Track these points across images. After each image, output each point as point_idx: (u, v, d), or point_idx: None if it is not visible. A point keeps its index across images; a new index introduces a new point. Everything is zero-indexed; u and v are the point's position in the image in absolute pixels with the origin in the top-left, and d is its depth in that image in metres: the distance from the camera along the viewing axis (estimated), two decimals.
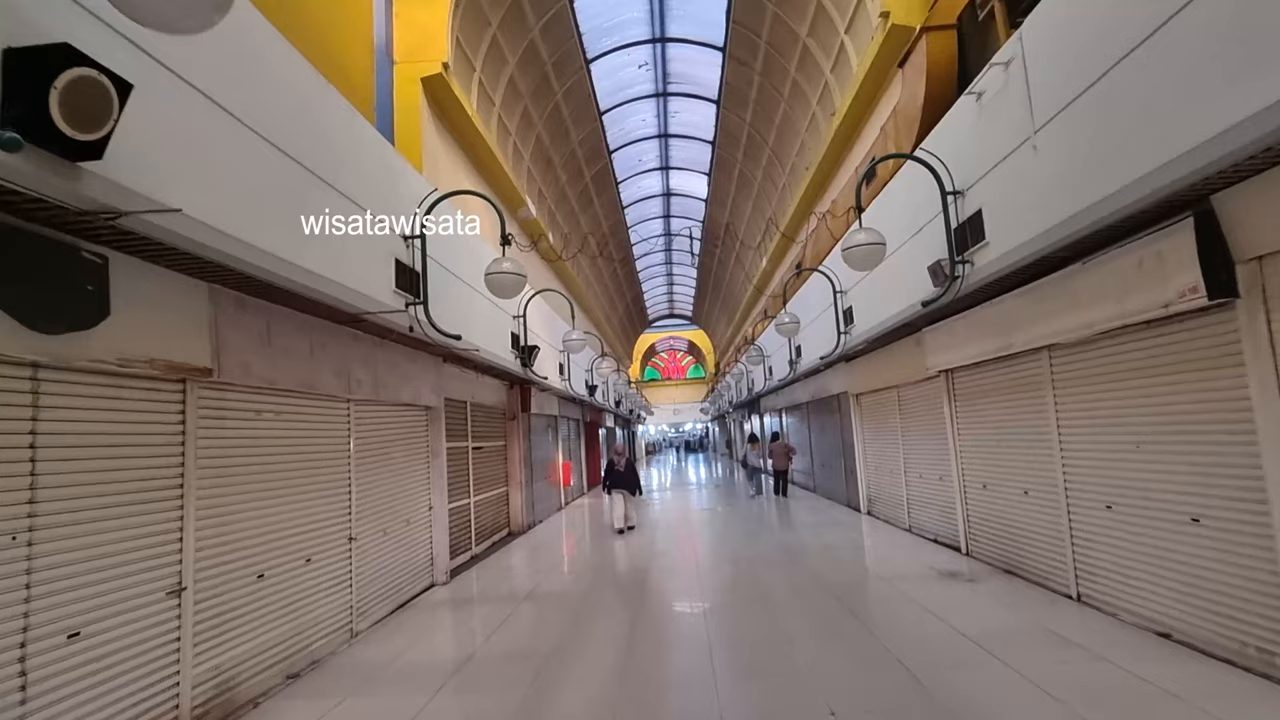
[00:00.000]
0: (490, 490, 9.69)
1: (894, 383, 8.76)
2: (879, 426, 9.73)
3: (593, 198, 16.68)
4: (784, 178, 13.68)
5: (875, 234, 5.22)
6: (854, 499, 11.04)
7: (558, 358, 12.37)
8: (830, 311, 9.60)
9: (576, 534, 10.65)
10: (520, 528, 10.66)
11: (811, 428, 14.23)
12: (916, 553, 7.19)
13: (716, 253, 23.46)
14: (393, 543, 6.04)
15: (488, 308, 7.74)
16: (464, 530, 8.34)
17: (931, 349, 7.10)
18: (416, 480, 6.73)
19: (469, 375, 8.70)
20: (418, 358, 6.66)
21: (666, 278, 30.90)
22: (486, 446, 9.66)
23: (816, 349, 10.96)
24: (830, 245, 10.02)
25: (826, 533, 8.96)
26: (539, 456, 12.45)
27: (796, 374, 12.70)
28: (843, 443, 11.62)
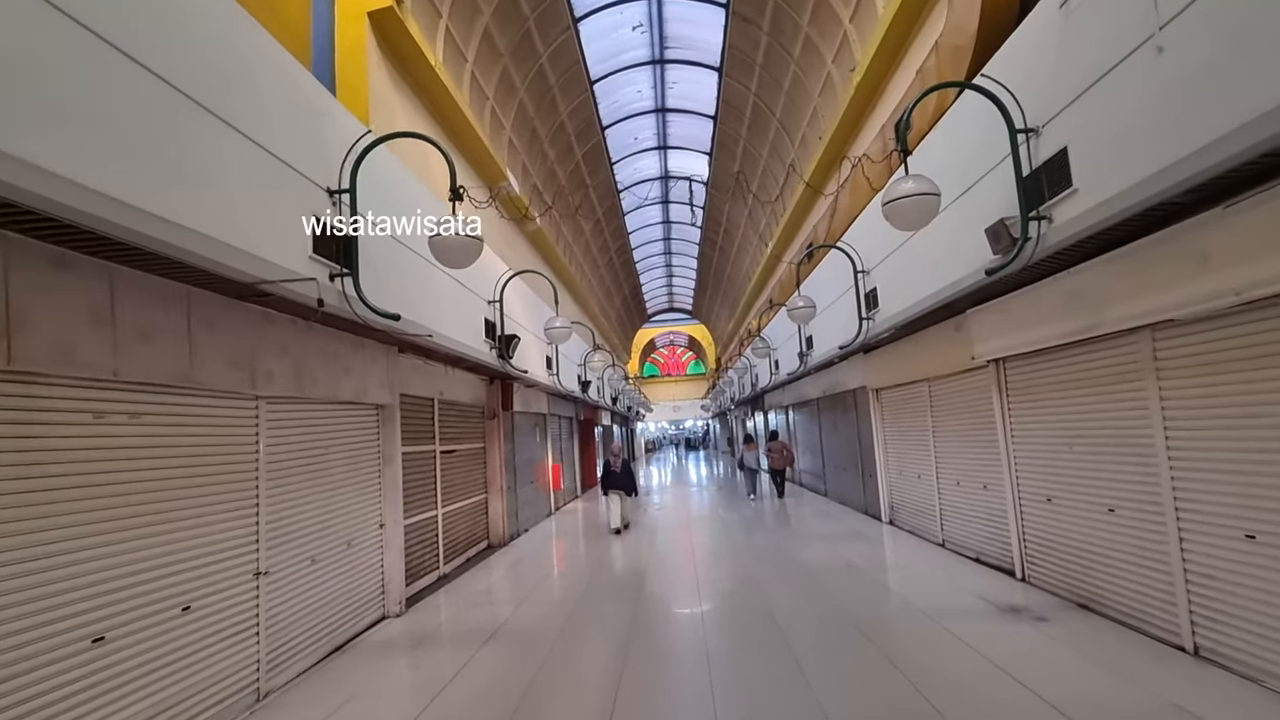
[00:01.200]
0: (464, 499, 8.57)
1: (925, 375, 7.63)
2: (904, 425, 8.61)
3: (585, 178, 15.53)
4: (793, 151, 12.51)
5: (927, 181, 4.08)
6: (873, 506, 9.93)
7: (544, 350, 11.25)
8: (849, 296, 8.47)
9: (565, 545, 9.55)
10: (501, 539, 9.55)
11: (823, 426, 13.10)
12: (958, 576, 6.07)
13: (718, 242, 22.30)
14: (325, 572, 4.92)
15: (454, 290, 6.61)
16: (429, 548, 7.22)
17: (979, 334, 5.97)
18: (362, 493, 5.60)
19: (435, 369, 7.57)
20: (364, 346, 5.53)
21: (665, 268, 29.74)
22: (460, 449, 8.54)
23: (831, 339, 9.84)
24: (847, 222, 8.87)
25: (846, 546, 7.84)
26: (524, 458, 11.34)
27: (807, 368, 11.57)
28: (860, 443, 10.49)
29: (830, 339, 9.92)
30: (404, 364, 6.59)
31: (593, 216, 18.02)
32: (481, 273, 7.69)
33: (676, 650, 4.61)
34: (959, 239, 5.33)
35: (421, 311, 5.51)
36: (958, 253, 5.37)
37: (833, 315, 9.58)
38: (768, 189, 15.08)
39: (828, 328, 10.09)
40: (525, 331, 9.60)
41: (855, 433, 10.67)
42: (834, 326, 9.59)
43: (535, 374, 10.38)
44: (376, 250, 4.75)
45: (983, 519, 6.49)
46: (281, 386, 4.36)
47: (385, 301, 4.59)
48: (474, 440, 9.21)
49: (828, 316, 9.97)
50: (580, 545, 9.51)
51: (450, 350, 6.60)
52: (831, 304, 9.42)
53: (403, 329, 4.98)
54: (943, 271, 5.70)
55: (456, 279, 6.69)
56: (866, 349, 9.51)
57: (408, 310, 5.21)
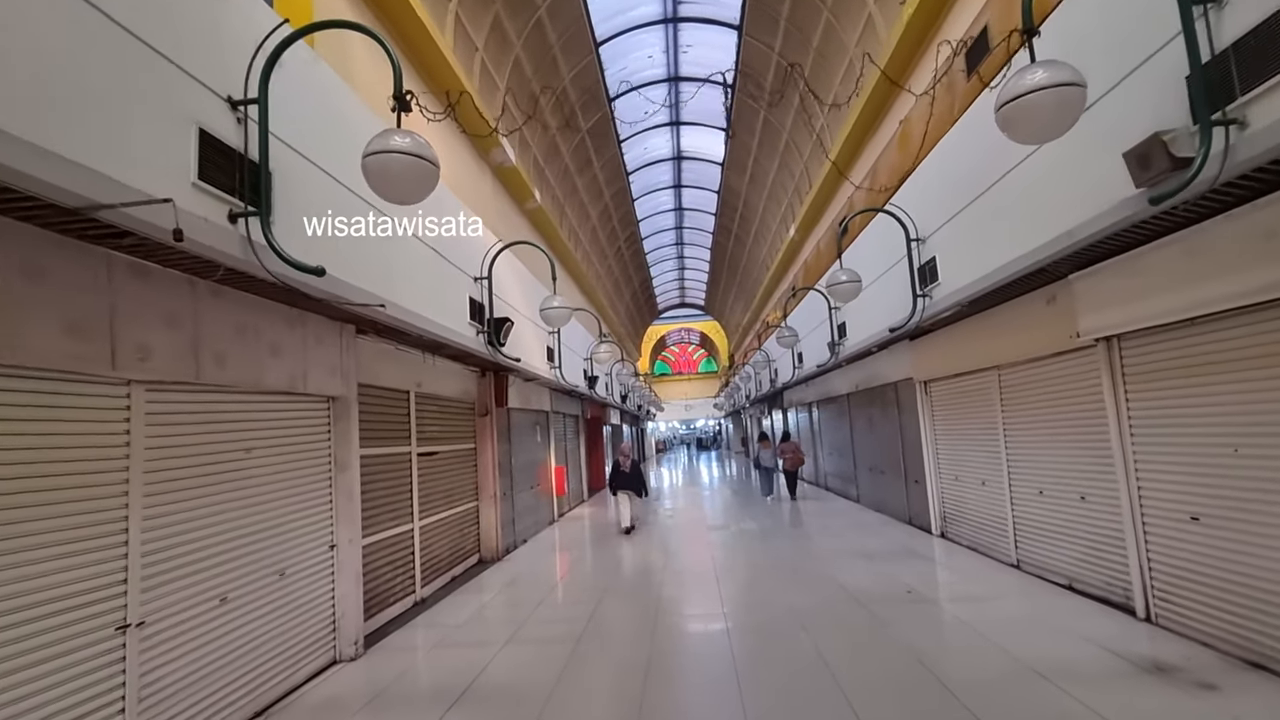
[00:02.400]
0: (450, 508, 7.41)
1: (994, 362, 6.36)
2: (963, 423, 7.33)
3: (591, 156, 14.34)
4: (822, 117, 11.22)
5: (1068, 69, 2.83)
6: (920, 515, 8.65)
7: (545, 340, 10.08)
8: (898, 271, 7.21)
9: (568, 561, 8.37)
10: (494, 553, 8.39)
11: (855, 425, 11.81)
12: (1057, 612, 4.80)
13: (733, 229, 21.04)
14: (243, 612, 3.77)
15: (427, 259, 5.45)
16: (401, 569, 6.06)
17: (1087, 305, 4.69)
18: (304, 507, 4.45)
19: (410, 356, 6.41)
20: (303, 322, 4.37)
21: (678, 259, 28.46)
22: (445, 451, 7.39)
23: (870, 324, 8.58)
24: (894, 184, 7.61)
25: (898, 567, 6.59)
26: (523, 461, 10.18)
27: (838, 359, 10.31)
28: (903, 443, 9.22)
29: (869, 324, 8.66)
30: (365, 348, 5.43)
31: (600, 200, 16.82)
32: (466, 244, 6.53)
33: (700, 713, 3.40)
34: (1069, 176, 4.09)
35: (375, 278, 4.34)
36: (1067, 196, 4.12)
37: (873, 296, 8.31)
38: (790, 166, 13.82)
39: (866, 311, 8.82)
40: (521, 317, 8.44)
41: (896, 431, 9.40)
42: (875, 309, 8.33)
43: (534, 366, 9.22)
44: (302, 184, 3.59)
45: (1080, 538, 5.21)
46: (166, 367, 3.20)
47: (300, 250, 3.42)
48: (462, 440, 8.05)
49: (867, 298, 8.70)
50: (585, 561, 8.32)
51: (423, 332, 5.44)
52: (873, 282, 8.15)
53: (340, 294, 3.81)
54: (1038, 225, 4.45)
55: (433, 247, 5.53)
56: (913, 335, 8.25)
57: (355, 274, 4.04)
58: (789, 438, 15.19)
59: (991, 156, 5.10)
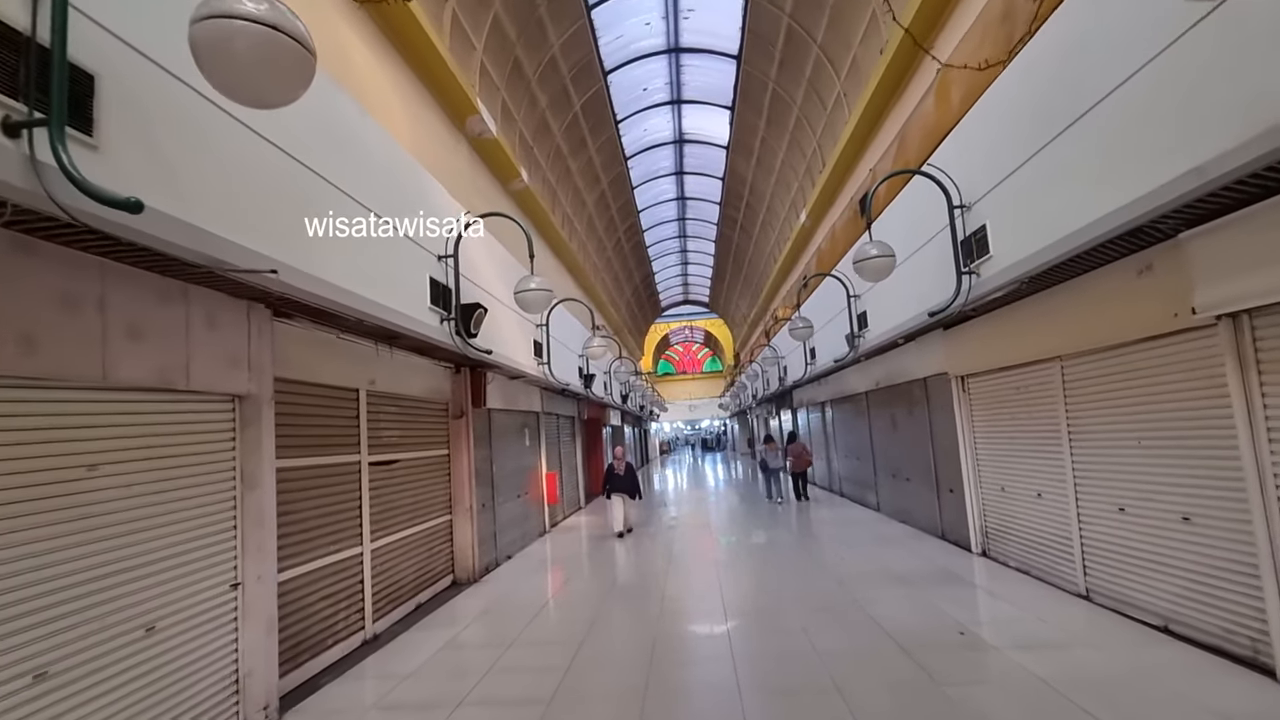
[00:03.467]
0: (414, 525, 6.40)
1: (1056, 351, 5.31)
2: (1012, 423, 6.27)
3: (585, 137, 13.30)
4: (838, 86, 10.11)
5: None
6: (955, 529, 7.59)
7: (531, 333, 9.08)
8: (936, 245, 6.17)
9: (557, 580, 7.35)
10: (471, 573, 7.37)
11: (874, 426, 10.75)
12: (1163, 669, 3.74)
13: (738, 219, 19.97)
14: (74, 689, 2.76)
15: (366, 221, 4.43)
16: (344, 603, 5.04)
17: (1211, 270, 3.62)
18: (188, 538, 3.44)
19: (358, 347, 5.41)
20: (184, 297, 3.36)
21: (680, 253, 27.36)
22: (409, 459, 6.38)
23: (896, 311, 7.55)
24: (927, 148, 6.54)
25: (939, 595, 5.53)
26: (507, 467, 9.17)
27: (858, 353, 9.25)
28: (933, 447, 8.15)
29: (894, 313, 7.62)
30: (289, 335, 4.43)
31: (597, 186, 15.78)
32: (427, 214, 5.53)
33: None
34: (1193, 99, 3.04)
35: (278, 238, 3.33)
36: (1186, 127, 3.08)
37: (900, 280, 7.26)
38: (802, 145, 12.75)
39: (890, 298, 7.78)
40: (501, 307, 7.44)
41: (925, 434, 8.34)
42: (902, 295, 7.29)
43: (518, 362, 8.22)
44: (166, 110, 2.58)
45: (1182, 569, 4.15)
46: None
47: (143, 184, 2.40)
48: (432, 446, 7.05)
49: (892, 283, 7.65)
50: (575, 582, 7.29)
51: (364, 316, 4.43)
52: (901, 263, 7.10)
53: (200, 249, 2.78)
54: (1134, 173, 3.41)
55: (377, 212, 4.51)
56: (947, 324, 7.19)
57: (243, 229, 3.02)
58: (796, 438, 14.66)
59: (1062, 95, 4.07)
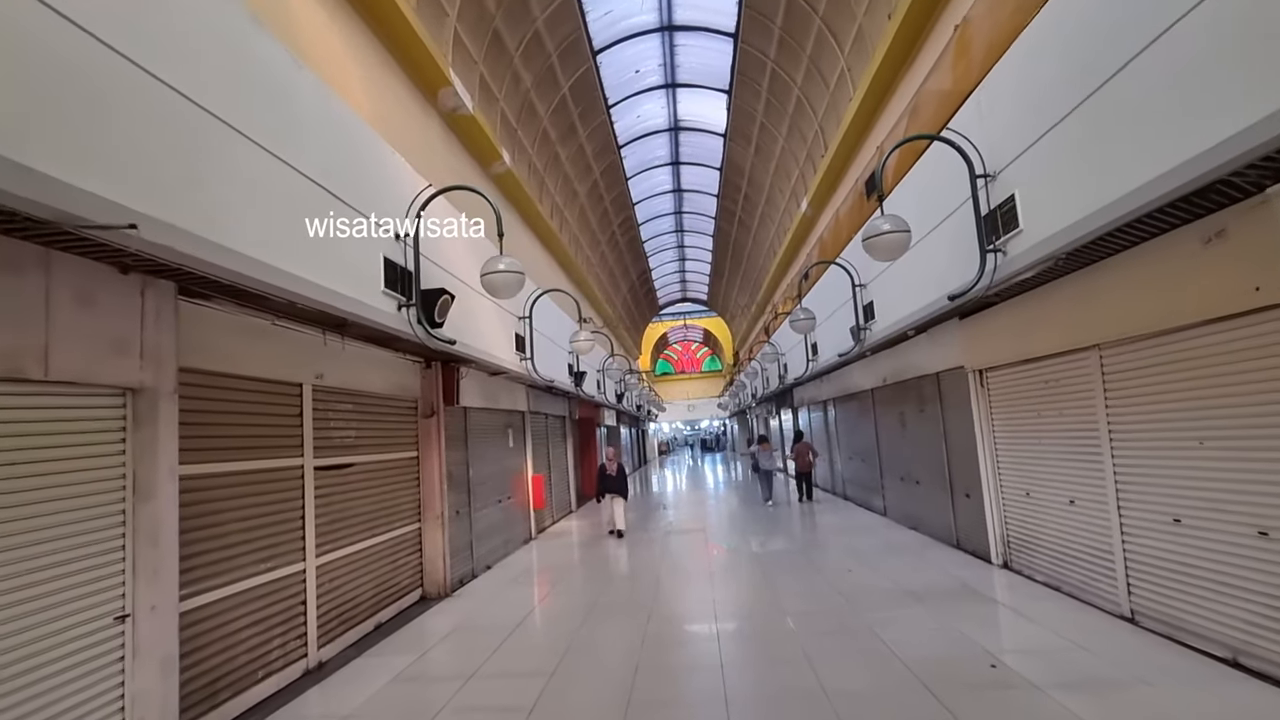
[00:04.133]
0: (374, 535, 5.76)
1: (1096, 338, 4.66)
2: (1038, 421, 5.62)
3: (575, 122, 12.65)
4: (844, 57, 9.39)
5: None
6: (972, 538, 6.94)
7: (512, 326, 8.44)
8: (954, 224, 5.53)
9: (540, 589, 6.69)
10: (441, 587, 6.73)
11: (881, 426, 10.10)
12: (1248, 718, 3.10)
13: (736, 212, 19.33)
14: None
15: (293, 185, 3.78)
16: (279, 629, 4.38)
17: None
18: (47, 564, 2.79)
19: (300, 335, 4.76)
20: (43, 265, 2.72)
21: (678, 249, 26.69)
22: (367, 463, 5.74)
23: (906, 300, 6.92)
24: (946, 113, 5.90)
25: (961, 616, 4.89)
26: (487, 470, 8.53)
27: (864, 346, 8.60)
28: (947, 448, 7.51)
29: (904, 301, 6.98)
30: (205, 319, 3.78)
31: (589, 176, 15.13)
32: (381, 186, 4.90)
33: None
34: None
35: (140, 184, 2.67)
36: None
37: (913, 263, 6.63)
38: (802, 129, 12.11)
39: (900, 286, 7.15)
40: (477, 296, 6.81)
41: (938, 433, 7.69)
42: (913, 282, 6.67)
43: (497, 357, 7.59)
44: None
45: (1255, 592, 3.50)
46: None
47: (39, 146, 1.75)
48: (398, 447, 6.41)
49: (901, 268, 7.03)
50: (558, 594, 6.64)
51: (296, 297, 3.77)
52: (914, 244, 6.46)
53: (11, 190, 2.12)
54: (1202, 120, 2.77)
55: (312, 178, 3.86)
56: (964, 313, 6.56)
57: (99, 175, 2.36)
58: (801, 438, 14.15)
59: (1117, 27, 3.42)
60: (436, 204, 6.21)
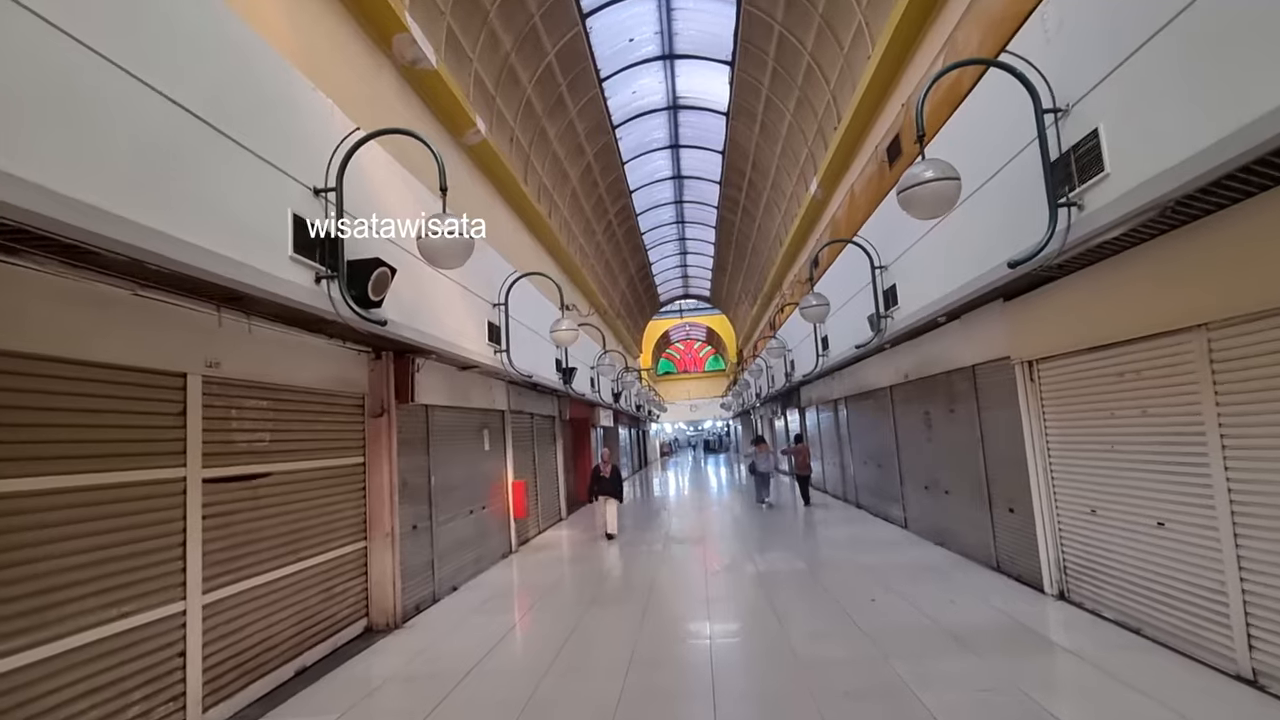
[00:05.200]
0: (299, 559, 4.75)
1: (1202, 316, 3.61)
2: (1109, 422, 4.57)
3: (564, 95, 11.62)
4: (860, 9, 8.28)
5: None
6: (1017, 560, 5.89)
7: (485, 313, 7.43)
8: (1004, 181, 4.49)
9: (511, 616, 5.65)
10: (391, 616, 5.72)
11: (901, 427, 9.05)
12: None
13: (740, 200, 18.26)
14: None
15: (147, 106, 2.76)
16: (141, 692, 3.34)
17: None
18: None
19: (186, 312, 3.74)
20: None
21: (679, 241, 25.61)
22: (291, 472, 4.73)
23: (937, 281, 5.92)
24: (1000, 41, 4.85)
25: (1017, 669, 3.85)
26: (454, 477, 7.51)
27: (884, 336, 7.55)
28: (984, 453, 6.46)
29: (937, 282, 5.95)
30: (18, 281, 2.78)
31: (581, 159, 14.10)
32: (293, 125, 3.91)
33: None
34: None
35: None
36: None
37: (947, 236, 5.61)
38: (812, 100, 11.05)
39: (930, 263, 6.13)
40: (441, 277, 5.82)
41: (974, 436, 6.63)
42: (950, 255, 5.64)
43: (463, 347, 6.60)
44: None
45: None
46: None
47: None
48: (337, 452, 5.41)
49: (935, 241, 6.00)
50: (530, 624, 5.60)
51: (141, 254, 2.75)
52: (965, 199, 5.41)
53: None
54: None
55: (166, 94, 2.85)
56: (1009, 294, 5.52)
57: None
58: (800, 440, 13.99)
59: None
60: (378, 160, 5.21)
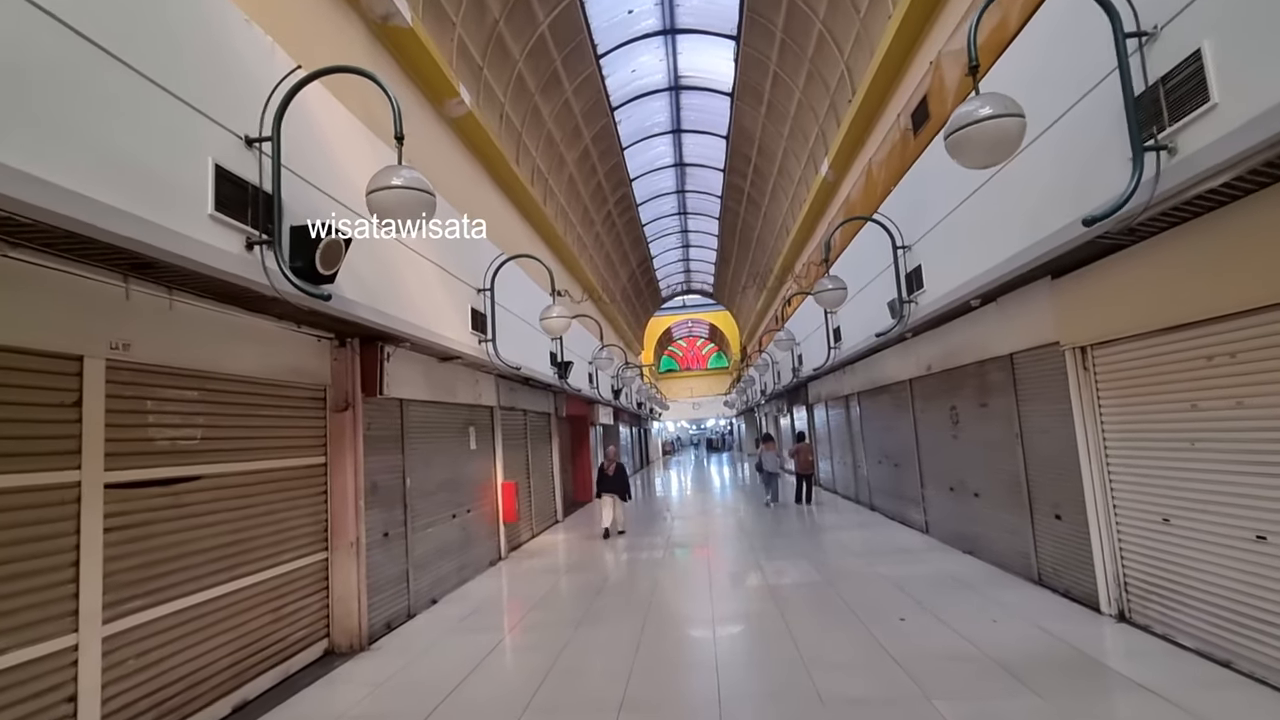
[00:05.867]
0: (238, 577, 4.09)
1: None
2: (1190, 416, 3.87)
3: (559, 71, 10.89)
4: None
5: None
6: (1066, 574, 5.20)
7: (467, 298, 6.78)
8: (1063, 133, 3.80)
9: (493, 635, 4.96)
10: (356, 637, 5.05)
11: (920, 424, 8.36)
12: None
13: (745, 188, 17.54)
14: None
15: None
16: None
17: None
18: None
19: (80, 281, 3.07)
20: None
21: (681, 234, 24.88)
22: (225, 475, 4.06)
23: (974, 257, 5.23)
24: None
25: (1081, 713, 3.16)
26: (433, 479, 6.85)
27: (907, 323, 6.85)
28: (1024, 452, 5.76)
29: (970, 260, 5.27)
30: None
31: (578, 142, 13.39)
32: (215, 61, 3.25)
33: None
34: None
35: None
36: None
37: (991, 199, 4.92)
38: (824, 74, 10.34)
39: (961, 240, 5.45)
40: (416, 256, 5.16)
41: (1011, 432, 5.94)
42: (992, 224, 4.96)
43: (441, 335, 5.96)
44: None
45: None
46: None
47: None
48: (290, 451, 4.74)
49: (964, 215, 5.32)
50: (518, 643, 4.92)
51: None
52: (992, 177, 4.72)
53: None
54: None
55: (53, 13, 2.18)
56: (1058, 270, 4.82)
57: None
58: (804, 439, 13.74)
59: None
60: (338, 120, 4.55)
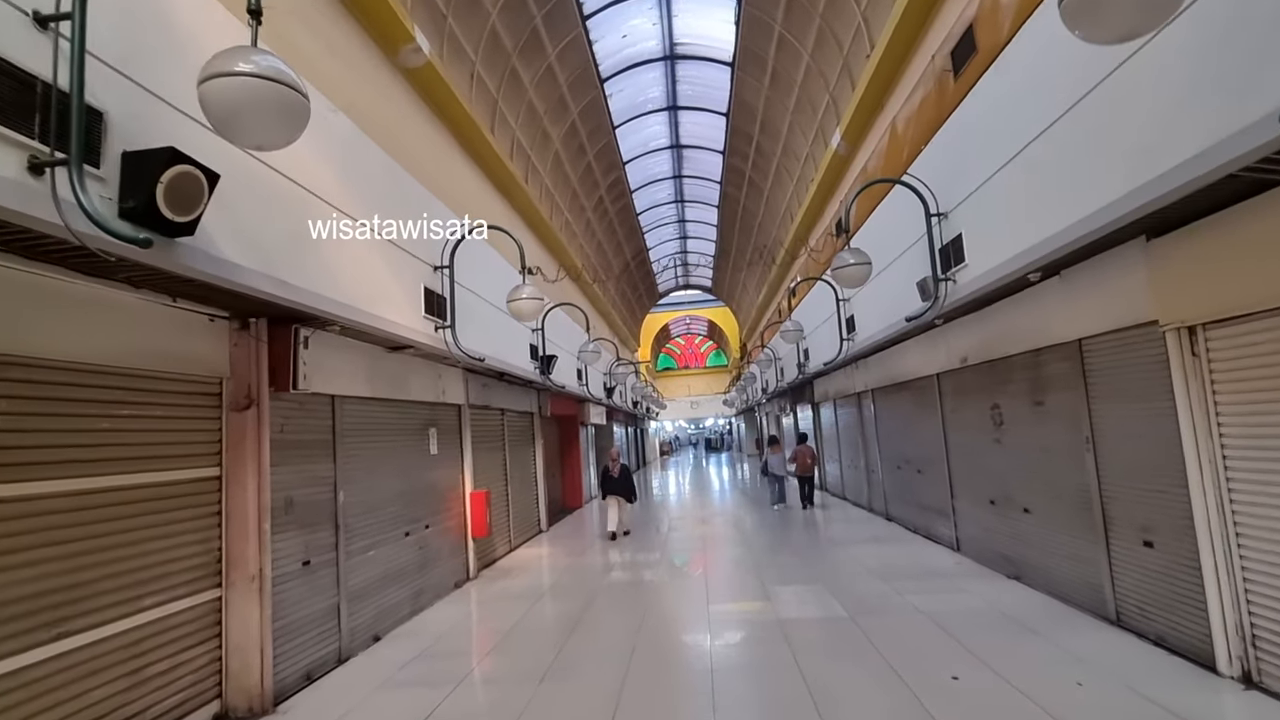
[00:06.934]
0: (77, 631, 2.97)
1: None
2: None
3: (539, 29, 9.74)
4: None
5: None
6: (1157, 619, 4.12)
7: (421, 276, 5.71)
8: (1159, 54, 2.70)
9: (450, 687, 3.88)
10: (258, 698, 3.95)
11: (949, 425, 7.28)
12: None
13: (746, 170, 16.44)
14: None
15: None
16: None
17: None
18: None
19: None
20: None
21: (678, 223, 23.73)
22: (57, 495, 2.96)
23: (1032, 221, 4.17)
24: None
25: None
26: (378, 492, 5.74)
27: (941, 306, 5.77)
28: (1096, 460, 4.67)
29: (1032, 221, 4.20)
30: None
31: (565, 117, 12.28)
32: None
33: None
34: None
35: None
36: None
37: (1064, 141, 3.84)
38: (836, 32, 9.25)
39: (1022, 198, 4.37)
40: (327, 207, 4.09)
41: (1078, 436, 4.84)
42: (1074, 174, 3.89)
43: (385, 318, 4.88)
44: None
45: None
46: None
47: None
48: (169, 461, 3.66)
49: (1032, 161, 4.24)
50: (462, 701, 3.83)
51: None
52: (1058, 119, 3.65)
53: None
54: None
55: None
56: (1156, 229, 3.74)
57: None
58: (805, 439, 13.38)
59: None
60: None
